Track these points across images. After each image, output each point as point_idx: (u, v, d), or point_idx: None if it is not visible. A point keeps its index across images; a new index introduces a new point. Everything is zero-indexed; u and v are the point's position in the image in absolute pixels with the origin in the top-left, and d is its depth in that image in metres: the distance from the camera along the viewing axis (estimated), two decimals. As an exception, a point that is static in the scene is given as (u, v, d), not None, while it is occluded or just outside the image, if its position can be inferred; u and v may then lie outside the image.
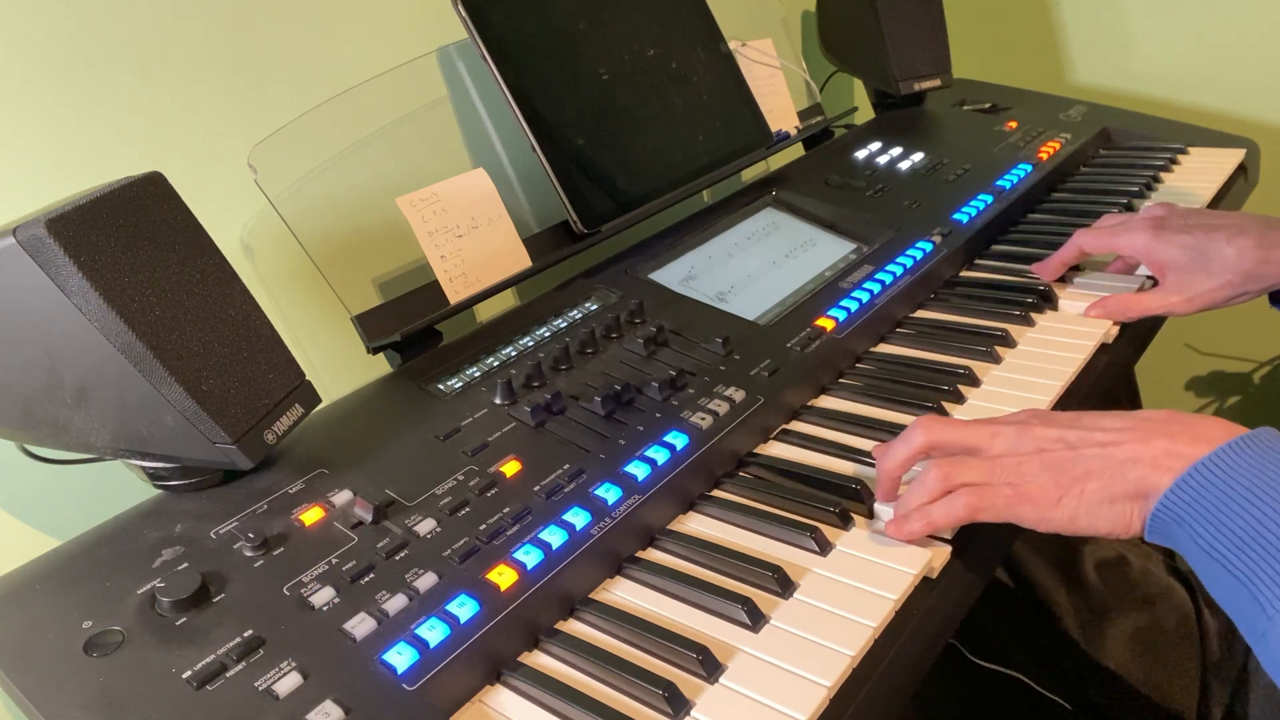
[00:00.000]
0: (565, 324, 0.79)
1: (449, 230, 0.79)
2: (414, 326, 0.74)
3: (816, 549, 0.57)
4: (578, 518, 0.58)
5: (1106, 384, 0.77)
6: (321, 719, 0.45)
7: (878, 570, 0.55)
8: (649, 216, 0.91)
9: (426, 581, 0.53)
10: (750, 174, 1.17)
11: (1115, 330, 0.80)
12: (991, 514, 0.54)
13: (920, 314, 0.87)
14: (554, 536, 0.56)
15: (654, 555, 0.60)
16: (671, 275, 0.88)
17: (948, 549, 0.57)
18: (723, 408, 0.68)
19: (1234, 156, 1.14)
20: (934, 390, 0.72)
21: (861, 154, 1.13)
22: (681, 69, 0.98)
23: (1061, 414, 0.58)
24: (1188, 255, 0.77)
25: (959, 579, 0.57)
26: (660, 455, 0.63)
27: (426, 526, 0.57)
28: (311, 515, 0.57)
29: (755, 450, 0.69)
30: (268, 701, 0.46)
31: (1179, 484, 0.49)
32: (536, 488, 0.60)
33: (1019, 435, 0.57)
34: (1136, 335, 0.83)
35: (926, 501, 0.56)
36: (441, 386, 0.70)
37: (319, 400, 0.65)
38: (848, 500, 0.61)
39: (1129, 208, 1.03)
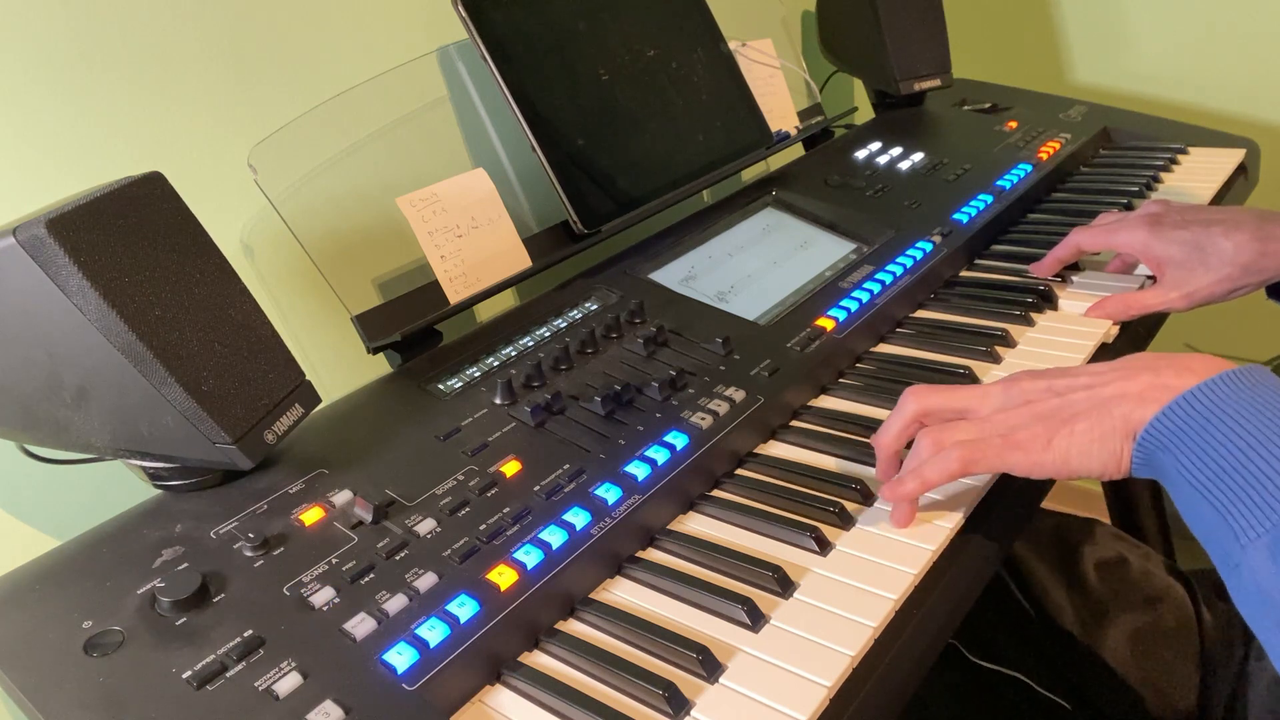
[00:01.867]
0: (565, 324, 0.79)
1: (449, 230, 0.79)
2: (414, 326, 0.74)
3: (816, 549, 0.57)
4: (578, 518, 0.58)
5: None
6: (321, 719, 0.45)
7: (878, 570, 0.55)
8: (649, 216, 0.91)
9: (426, 581, 0.53)
10: (750, 174, 1.16)
11: (1115, 330, 0.80)
12: (984, 465, 0.55)
13: (920, 314, 0.87)
14: (554, 536, 0.56)
15: (654, 555, 0.60)
16: (671, 275, 0.88)
17: (953, 528, 0.57)
18: (723, 408, 0.68)
19: (1234, 156, 1.14)
20: (934, 390, 0.72)
21: (861, 154, 1.13)
22: (681, 69, 0.98)
23: (1050, 369, 0.58)
24: (1185, 251, 0.77)
25: (959, 578, 0.57)
26: (660, 455, 0.63)
27: (426, 526, 0.57)
28: (311, 515, 0.57)
29: (755, 450, 0.69)
30: (268, 701, 0.46)
31: (1166, 411, 0.49)
32: (536, 488, 0.60)
33: (1006, 391, 0.57)
34: (1137, 334, 0.83)
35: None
36: (441, 386, 0.70)
37: (319, 400, 0.65)
38: (848, 500, 0.61)
39: (1129, 208, 1.02)
